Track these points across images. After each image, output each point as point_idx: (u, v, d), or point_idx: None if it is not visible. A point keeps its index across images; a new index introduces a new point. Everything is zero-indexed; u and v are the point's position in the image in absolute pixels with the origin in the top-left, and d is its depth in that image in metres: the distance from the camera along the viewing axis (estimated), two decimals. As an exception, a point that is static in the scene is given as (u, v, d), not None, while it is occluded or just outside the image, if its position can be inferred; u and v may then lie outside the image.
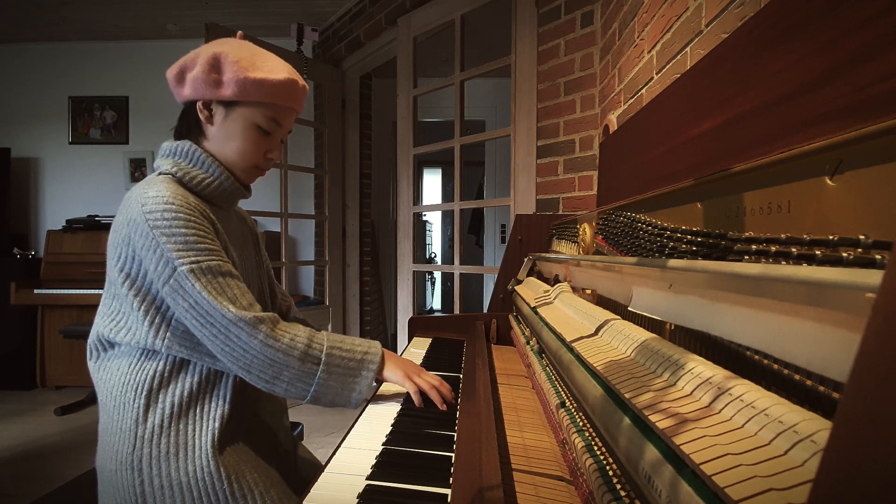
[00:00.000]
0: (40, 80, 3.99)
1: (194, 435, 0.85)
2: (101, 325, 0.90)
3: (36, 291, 3.41)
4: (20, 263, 3.54)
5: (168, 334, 0.85)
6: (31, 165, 4.02)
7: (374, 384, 0.93)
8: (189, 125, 0.97)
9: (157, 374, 0.86)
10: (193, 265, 0.81)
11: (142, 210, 0.82)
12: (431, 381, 0.91)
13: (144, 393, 0.85)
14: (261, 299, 1.05)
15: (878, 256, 0.29)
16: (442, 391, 0.90)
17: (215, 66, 0.91)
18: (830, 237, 0.33)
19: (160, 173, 0.92)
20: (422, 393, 0.90)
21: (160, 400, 0.85)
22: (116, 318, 0.88)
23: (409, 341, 1.48)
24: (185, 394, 0.86)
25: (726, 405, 0.35)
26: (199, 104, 0.93)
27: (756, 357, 0.41)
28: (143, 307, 0.85)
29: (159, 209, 0.82)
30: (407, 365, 0.93)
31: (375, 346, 0.92)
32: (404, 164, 2.76)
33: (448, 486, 0.61)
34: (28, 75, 4.00)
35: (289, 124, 0.99)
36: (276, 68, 0.93)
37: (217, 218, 0.95)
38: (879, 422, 0.18)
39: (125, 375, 0.86)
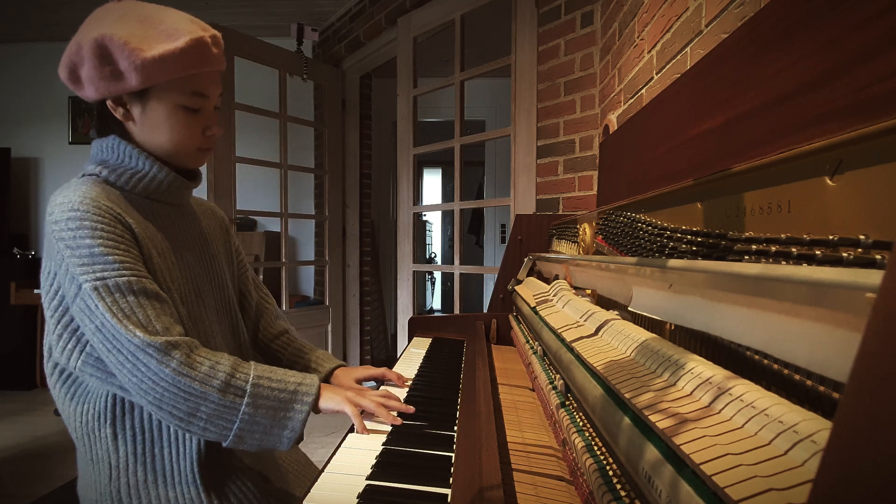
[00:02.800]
0: (40, 80, 3.98)
1: (171, 460, 0.79)
2: (48, 344, 0.82)
3: (36, 291, 3.40)
4: (20, 263, 3.54)
5: (81, 357, 0.77)
6: (31, 165, 4.03)
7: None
8: (110, 126, 0.85)
9: (118, 400, 0.79)
10: (98, 282, 0.72)
11: (49, 220, 0.75)
12: (376, 399, 0.83)
13: (108, 422, 0.79)
14: (222, 297, 0.96)
15: (878, 256, 0.29)
16: (390, 405, 0.83)
17: (104, 55, 0.77)
18: (830, 237, 0.33)
19: (83, 175, 0.84)
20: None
21: (126, 426, 0.79)
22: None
23: (409, 341, 1.48)
24: (152, 416, 0.79)
25: (726, 405, 0.35)
26: (109, 103, 0.82)
27: (756, 357, 0.41)
28: (58, 327, 0.78)
29: (63, 217, 0.74)
30: (347, 390, 0.84)
31: (312, 377, 0.82)
32: (404, 164, 2.76)
33: (448, 486, 0.61)
34: (28, 75, 4.00)
35: (216, 89, 0.87)
36: (173, 31, 0.79)
37: (162, 216, 0.87)
38: (879, 422, 0.18)
39: (84, 405, 0.80)
